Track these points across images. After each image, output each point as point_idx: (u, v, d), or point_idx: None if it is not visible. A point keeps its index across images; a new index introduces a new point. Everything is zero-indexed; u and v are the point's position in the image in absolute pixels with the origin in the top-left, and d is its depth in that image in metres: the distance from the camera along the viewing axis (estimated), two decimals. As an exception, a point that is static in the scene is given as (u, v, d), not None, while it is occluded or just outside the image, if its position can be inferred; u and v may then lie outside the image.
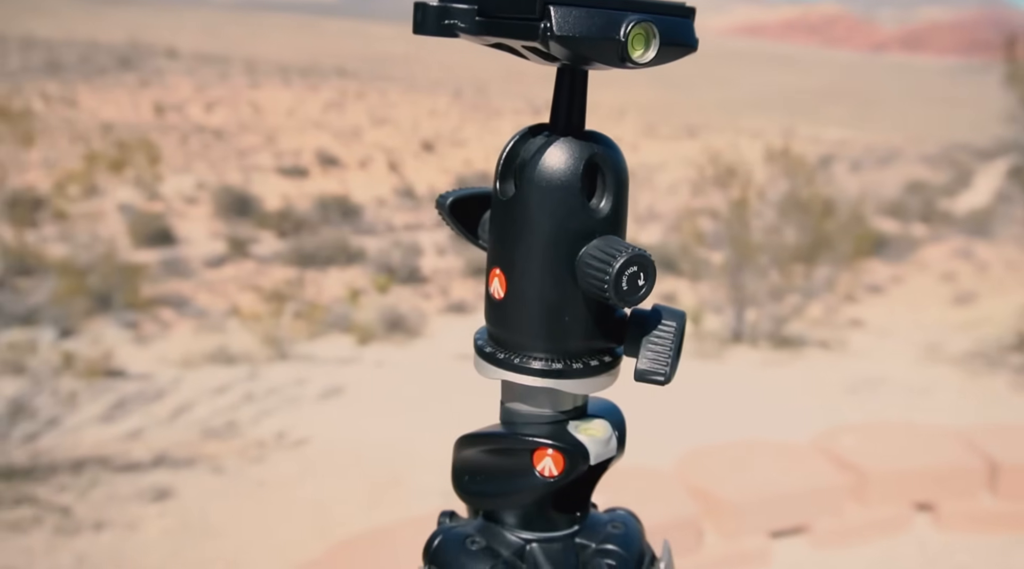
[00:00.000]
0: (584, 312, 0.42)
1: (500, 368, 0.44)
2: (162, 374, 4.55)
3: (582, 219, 0.41)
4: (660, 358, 0.42)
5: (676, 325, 0.43)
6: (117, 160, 3.77)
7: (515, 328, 0.43)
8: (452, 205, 0.45)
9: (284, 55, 60.79)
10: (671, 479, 2.11)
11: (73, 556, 2.35)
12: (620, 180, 0.42)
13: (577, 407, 0.46)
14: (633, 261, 0.39)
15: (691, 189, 9.71)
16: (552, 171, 0.41)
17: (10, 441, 3.16)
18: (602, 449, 0.44)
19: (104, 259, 7.36)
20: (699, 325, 6.51)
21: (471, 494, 0.46)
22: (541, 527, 0.46)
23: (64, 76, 39.12)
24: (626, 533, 0.48)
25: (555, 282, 0.41)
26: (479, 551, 0.45)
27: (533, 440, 0.43)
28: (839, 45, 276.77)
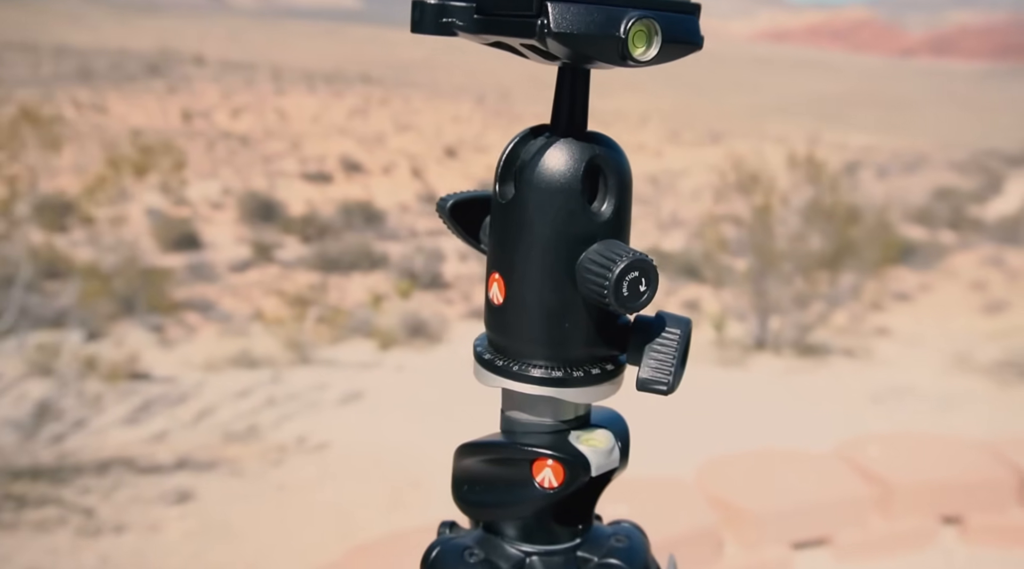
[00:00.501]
0: (585, 319, 0.41)
1: (499, 376, 0.43)
2: (186, 377, 4.60)
3: (583, 222, 0.40)
4: (663, 367, 0.41)
5: (680, 333, 0.41)
6: (140, 164, 3.81)
7: (514, 335, 0.42)
8: (452, 208, 0.44)
9: (309, 62, 61.41)
10: (691, 489, 2.09)
11: (96, 557, 2.37)
12: (623, 183, 0.41)
13: (579, 416, 0.44)
14: (634, 266, 0.38)
15: (714, 195, 9.66)
16: (552, 173, 0.40)
17: (37, 441, 3.21)
18: (604, 460, 0.43)
19: (131, 263, 7.47)
20: (722, 332, 6.46)
21: (470, 504, 0.45)
22: (542, 540, 0.45)
23: (95, 83, 39.81)
24: (630, 547, 0.47)
25: (555, 287, 0.40)
26: (477, 563, 0.44)
27: (532, 450, 0.42)
28: (866, 50, 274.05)
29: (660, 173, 28.30)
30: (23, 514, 2.60)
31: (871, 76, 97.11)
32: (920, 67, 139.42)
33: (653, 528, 1.82)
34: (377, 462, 3.12)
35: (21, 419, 3.28)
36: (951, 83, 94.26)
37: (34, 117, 3.86)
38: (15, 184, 4.18)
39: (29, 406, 3.32)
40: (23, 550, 2.39)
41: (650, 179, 27.18)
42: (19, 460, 3.01)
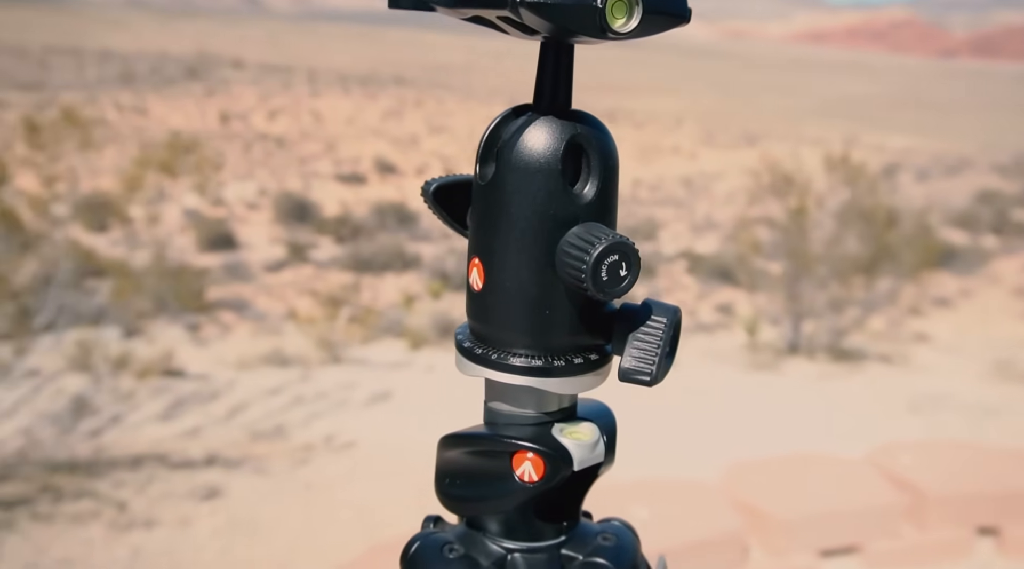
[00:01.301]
0: (567, 306, 0.39)
1: (479, 365, 0.41)
2: (219, 375, 4.67)
3: (563, 204, 0.38)
4: (647, 356, 0.39)
5: (666, 321, 0.40)
6: (170, 163, 3.88)
7: (494, 322, 0.41)
8: (436, 192, 0.43)
9: (344, 65, 62.06)
10: (716, 492, 2.06)
11: (129, 550, 2.42)
12: (607, 164, 0.39)
13: (563, 409, 0.43)
14: (614, 249, 0.37)
15: (748, 198, 9.55)
16: (530, 152, 0.38)
17: (74, 435, 3.28)
18: (587, 454, 0.41)
19: (167, 262, 7.61)
20: (755, 336, 6.38)
21: (451, 498, 0.44)
22: (524, 536, 0.43)
23: (136, 86, 40.65)
24: (617, 545, 0.45)
25: (534, 272, 0.39)
26: (457, 559, 0.43)
27: (513, 442, 0.41)
28: (906, 51, 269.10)
29: (694, 175, 28.07)
30: (59, 506, 2.66)
31: (911, 78, 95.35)
32: (962, 68, 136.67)
33: (675, 532, 1.81)
34: (404, 462, 3.14)
35: (59, 413, 3.36)
36: (994, 84, 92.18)
37: (73, 118, 3.95)
38: (56, 184, 4.28)
39: (67, 401, 3.40)
40: (59, 541, 2.44)
41: (684, 181, 26.97)
42: (57, 453, 3.08)
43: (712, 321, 9.88)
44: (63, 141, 4.28)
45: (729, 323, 8.90)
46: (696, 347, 6.51)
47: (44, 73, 42.31)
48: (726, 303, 10.71)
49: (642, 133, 37.81)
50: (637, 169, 29.22)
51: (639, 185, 26.12)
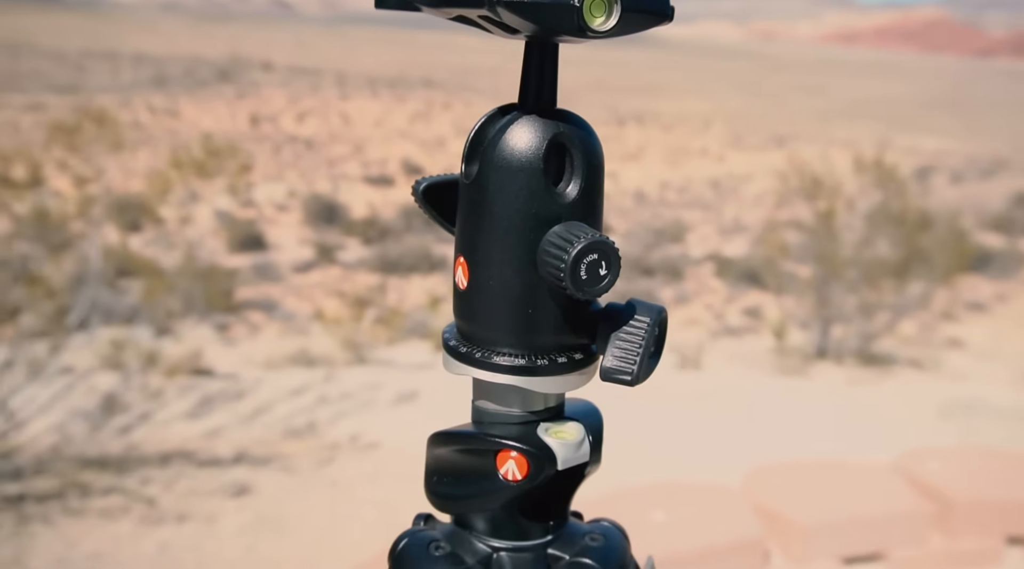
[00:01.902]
0: (550, 305, 0.39)
1: (463, 363, 0.42)
2: (246, 374, 4.73)
3: (545, 203, 0.38)
4: (628, 356, 0.39)
5: (649, 321, 0.40)
6: (202, 164, 3.94)
7: (478, 321, 0.41)
8: (426, 191, 0.43)
9: (373, 67, 62.51)
10: (736, 497, 2.04)
11: (156, 545, 2.46)
12: (591, 163, 0.39)
13: (549, 408, 0.43)
14: (593, 248, 0.37)
15: (776, 200, 9.46)
16: (512, 151, 0.38)
17: (105, 432, 3.34)
18: (571, 454, 0.41)
19: (199, 263, 7.72)
20: (783, 340, 6.32)
21: (438, 496, 0.44)
22: (510, 535, 0.44)
23: (169, 89, 41.29)
24: (605, 546, 0.45)
25: (517, 271, 0.39)
26: (443, 557, 0.43)
27: (497, 441, 0.41)
28: (941, 51, 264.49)
29: (722, 177, 27.83)
30: (89, 502, 2.71)
31: (945, 78, 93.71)
32: (999, 68, 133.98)
33: (693, 536, 1.81)
34: (427, 462, 3.15)
35: (91, 410, 3.42)
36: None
37: (106, 121, 4.03)
38: (90, 186, 4.37)
39: (98, 398, 3.46)
40: (89, 536, 2.49)
41: (712, 184, 26.76)
42: (88, 450, 3.14)
43: (740, 325, 9.79)
44: (96, 143, 4.37)
45: (757, 327, 8.82)
46: (723, 350, 6.46)
47: (80, 76, 43.15)
48: (754, 306, 10.60)
49: (670, 135, 37.58)
50: (665, 171, 29.05)
51: (667, 187, 25.97)
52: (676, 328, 9.22)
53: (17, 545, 2.43)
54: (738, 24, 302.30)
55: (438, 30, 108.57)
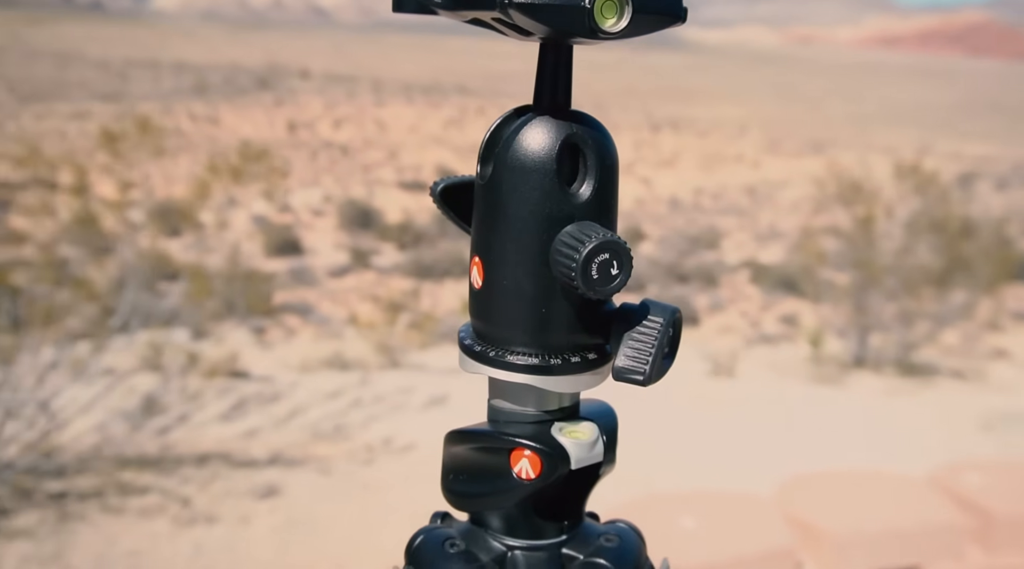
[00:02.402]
0: (564, 304, 0.40)
1: (478, 362, 0.42)
2: (282, 377, 4.79)
3: (558, 203, 0.38)
4: (641, 356, 0.39)
5: (663, 321, 0.39)
6: (238, 169, 4.02)
7: (492, 320, 0.41)
8: (443, 192, 0.44)
9: (408, 74, 63.04)
10: (768, 506, 2.01)
11: (191, 545, 2.50)
12: (604, 164, 0.39)
13: (564, 408, 0.43)
14: (605, 247, 0.37)
15: (813, 207, 9.33)
16: (526, 151, 0.39)
17: (143, 432, 3.41)
18: (585, 453, 0.42)
19: (236, 267, 7.85)
20: (819, 348, 6.23)
21: (454, 494, 0.45)
22: (525, 534, 0.44)
23: (209, 97, 42.10)
24: (620, 547, 0.45)
25: (530, 271, 0.39)
26: (457, 554, 0.44)
27: (511, 439, 0.41)
28: (985, 55, 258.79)
29: (758, 184, 27.55)
30: (128, 500, 2.77)
31: (990, 82, 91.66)
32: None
33: (723, 545, 1.78)
34: (459, 467, 3.16)
35: (130, 411, 3.49)
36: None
37: (147, 128, 4.12)
38: (132, 191, 4.47)
39: (137, 399, 3.53)
40: (127, 534, 2.54)
41: (747, 190, 26.50)
42: (127, 449, 3.20)
43: (775, 332, 9.67)
44: (139, 150, 4.47)
45: (793, 335, 8.70)
46: (758, 358, 6.38)
47: (124, 84, 44.16)
48: (790, 314, 10.47)
49: (705, 141, 37.28)
50: (699, 177, 28.84)
51: (701, 194, 25.77)
52: (710, 335, 9.13)
53: (59, 542, 2.49)
54: (775, 29, 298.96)
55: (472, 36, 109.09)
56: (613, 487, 2.17)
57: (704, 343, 7.09)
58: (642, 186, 25.96)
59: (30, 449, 2.93)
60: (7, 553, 2.41)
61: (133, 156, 4.59)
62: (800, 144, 37.69)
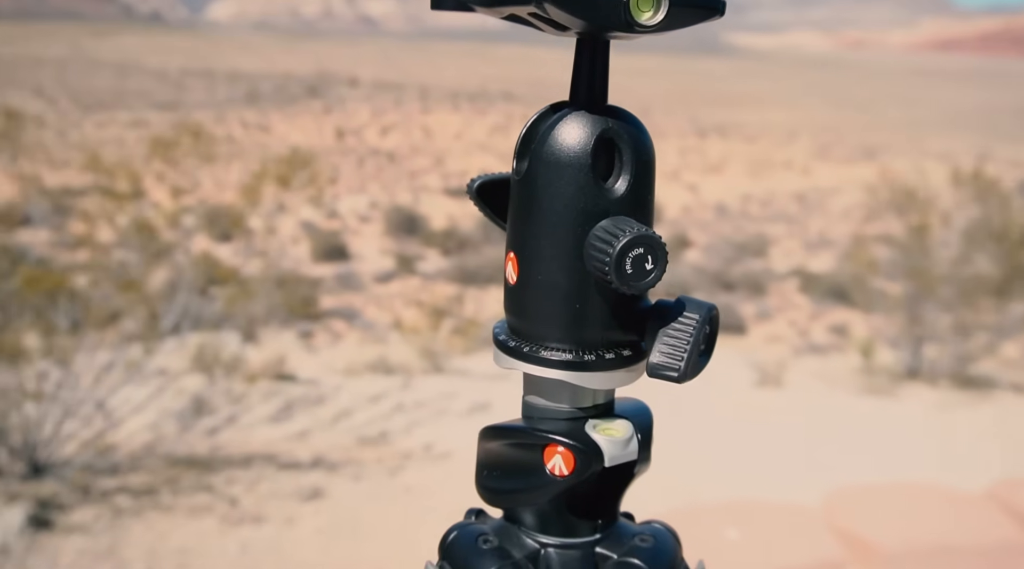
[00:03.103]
0: (598, 300, 0.39)
1: (511, 357, 0.42)
2: (327, 381, 4.85)
3: (593, 198, 0.38)
4: (676, 352, 0.39)
5: (699, 318, 0.39)
6: (284, 175, 4.09)
7: (526, 315, 0.41)
8: (480, 189, 0.44)
9: (455, 81, 63.55)
10: (816, 518, 1.96)
11: (238, 544, 2.55)
12: (640, 160, 0.39)
13: (598, 405, 0.43)
14: (639, 241, 0.36)
15: (865, 214, 9.14)
16: (561, 146, 0.38)
17: (193, 433, 3.49)
18: (619, 451, 0.41)
19: (285, 272, 7.99)
20: (870, 359, 6.08)
21: (487, 490, 0.45)
22: (558, 532, 0.44)
23: (260, 105, 43.01)
24: (655, 548, 0.44)
25: (564, 266, 0.39)
26: (490, 550, 0.44)
27: (545, 436, 0.41)
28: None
29: (808, 191, 27.05)
30: (179, 499, 2.83)
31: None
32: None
33: (766, 556, 1.75)
34: (500, 472, 3.16)
35: (181, 412, 3.58)
36: None
37: (199, 135, 4.23)
38: (184, 197, 4.58)
39: (188, 401, 3.62)
40: (176, 532, 2.60)
41: (797, 197, 26.04)
42: (178, 449, 3.28)
43: (824, 342, 9.47)
44: (192, 157, 4.59)
45: (843, 345, 8.51)
46: (807, 368, 6.26)
47: (180, 93, 45.40)
48: (840, 324, 10.26)
49: (753, 147, 36.77)
50: (747, 184, 28.44)
51: (749, 200, 25.41)
52: (757, 344, 8.99)
53: (112, 536, 2.56)
54: (827, 33, 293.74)
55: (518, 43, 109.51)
56: (656, 495, 2.17)
57: (751, 352, 6.98)
58: (688, 193, 25.71)
59: (87, 447, 3.02)
60: (65, 547, 2.49)
61: (186, 163, 4.71)
62: (852, 150, 36.92)
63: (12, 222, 5.08)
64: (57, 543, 2.48)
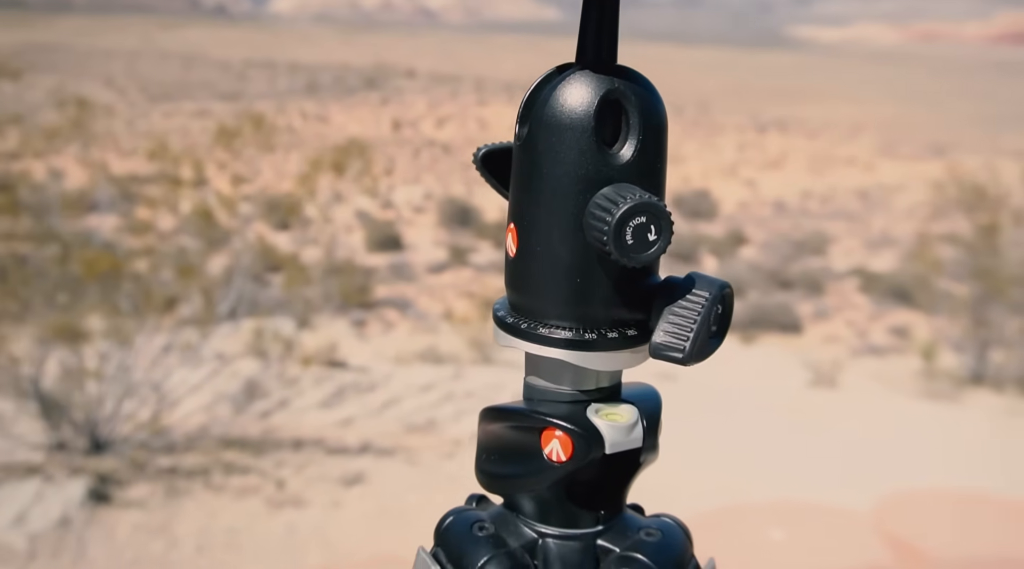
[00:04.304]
0: (600, 274, 0.37)
1: (509, 334, 0.40)
2: (378, 368, 4.92)
3: (596, 164, 0.36)
4: (681, 332, 0.36)
5: (708, 296, 0.36)
6: (338, 163, 4.15)
7: (526, 290, 0.39)
8: (485, 157, 0.42)
9: (511, 73, 63.57)
10: (865, 522, 1.90)
11: (285, 526, 2.60)
12: (650, 123, 0.37)
13: (602, 388, 0.41)
14: (640, 209, 0.34)
15: (931, 213, 8.86)
16: (562, 108, 0.36)
17: (247, 416, 3.57)
18: (621, 437, 0.39)
19: (339, 261, 8.12)
20: (931, 362, 5.89)
21: (484, 474, 0.43)
22: (558, 522, 0.42)
23: (320, 96, 43.71)
24: (661, 542, 0.42)
25: (565, 236, 0.37)
26: (485, 538, 0.42)
27: (543, 418, 0.39)
28: None
29: (871, 187, 26.30)
30: (229, 480, 2.91)
31: None
32: None
33: (811, 559, 1.71)
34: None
35: (235, 394, 3.67)
36: None
37: (259, 125, 4.31)
38: (245, 186, 4.69)
39: (242, 384, 3.70)
40: (225, 512, 2.67)
41: (859, 194, 25.34)
42: (231, 431, 3.36)
43: (884, 344, 9.22)
44: (252, 147, 4.69)
45: (903, 347, 8.27)
46: (864, 370, 6.10)
47: (242, 84, 46.47)
48: (901, 325, 9.97)
49: (815, 142, 35.88)
50: (807, 180, 27.79)
51: (809, 197, 24.83)
52: (813, 344, 8.79)
53: (166, 514, 2.64)
54: (896, 25, 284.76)
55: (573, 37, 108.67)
56: (704, 492, 2.14)
57: (806, 351, 6.83)
58: (746, 188, 25.25)
59: (144, 426, 3.11)
60: (121, 521, 2.58)
61: (247, 153, 4.82)
62: (919, 146, 35.75)
63: (82, 208, 5.27)
64: (114, 517, 2.57)
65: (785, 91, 55.56)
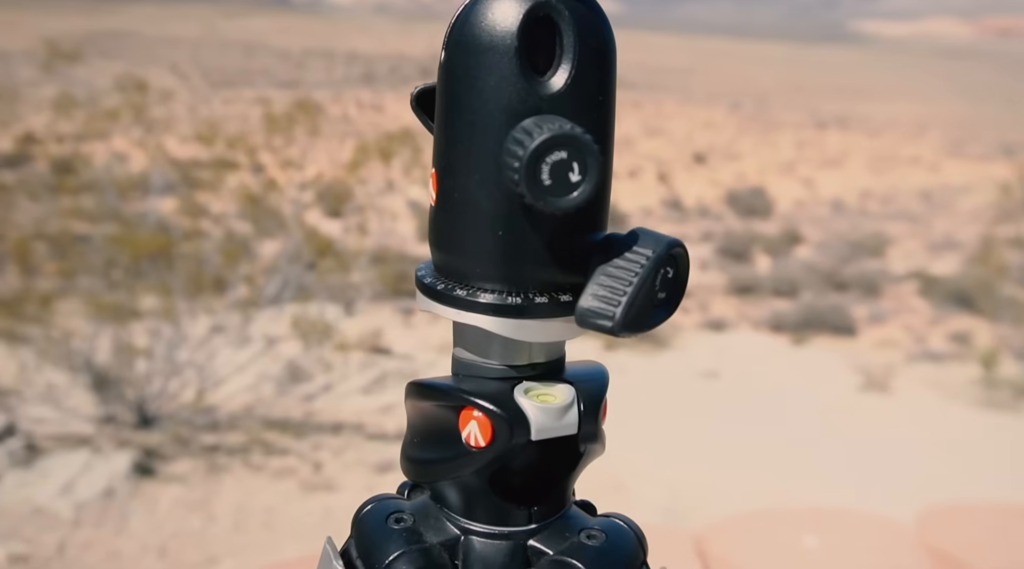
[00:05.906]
0: (526, 227, 0.31)
1: (428, 298, 0.35)
2: (421, 356, 4.95)
3: (519, 93, 0.30)
4: (612, 296, 0.30)
5: (650, 254, 0.31)
6: (385, 150, 4.18)
7: (445, 245, 0.34)
8: (419, 96, 0.37)
9: (567, 66, 63.18)
10: (907, 533, 1.83)
11: (321, 508, 2.63)
12: (589, 45, 0.31)
13: (536, 364, 0.35)
14: (560, 142, 0.28)
15: (997, 215, 8.54)
16: (482, 26, 0.30)
17: (290, 398, 3.63)
18: (550, 422, 0.33)
19: (389, 250, 8.19)
20: (992, 370, 5.68)
21: (404, 457, 0.38)
22: (485, 517, 0.36)
23: (376, 85, 44.18)
24: (603, 548, 0.36)
25: (483, 180, 0.31)
26: (400, 531, 0.37)
27: (460, 396, 0.34)
28: None
29: (935, 188, 25.48)
30: (269, 460, 2.95)
31: None
32: None
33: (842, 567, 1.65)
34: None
35: (279, 377, 3.73)
36: None
37: (316, 113, 4.37)
38: (299, 173, 4.76)
39: (286, 367, 3.76)
40: (263, 491, 2.71)
41: (922, 195, 24.57)
42: (273, 412, 3.42)
43: (942, 350, 8.92)
44: (308, 135, 4.75)
45: (963, 354, 7.99)
46: (919, 376, 5.91)
47: (301, 73, 47.25)
48: (961, 331, 9.64)
49: (876, 141, 34.89)
50: (868, 179, 27.06)
51: (868, 197, 24.18)
52: (867, 348, 8.55)
53: (207, 490, 2.69)
54: (968, 20, 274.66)
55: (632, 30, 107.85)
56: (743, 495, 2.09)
57: (859, 355, 6.65)
58: (803, 187, 24.69)
59: (189, 404, 3.19)
60: (163, 494, 2.64)
61: (303, 140, 4.89)
62: (988, 147, 34.47)
63: (142, 190, 5.42)
64: (157, 491, 2.64)
65: (847, 87, 54.10)
